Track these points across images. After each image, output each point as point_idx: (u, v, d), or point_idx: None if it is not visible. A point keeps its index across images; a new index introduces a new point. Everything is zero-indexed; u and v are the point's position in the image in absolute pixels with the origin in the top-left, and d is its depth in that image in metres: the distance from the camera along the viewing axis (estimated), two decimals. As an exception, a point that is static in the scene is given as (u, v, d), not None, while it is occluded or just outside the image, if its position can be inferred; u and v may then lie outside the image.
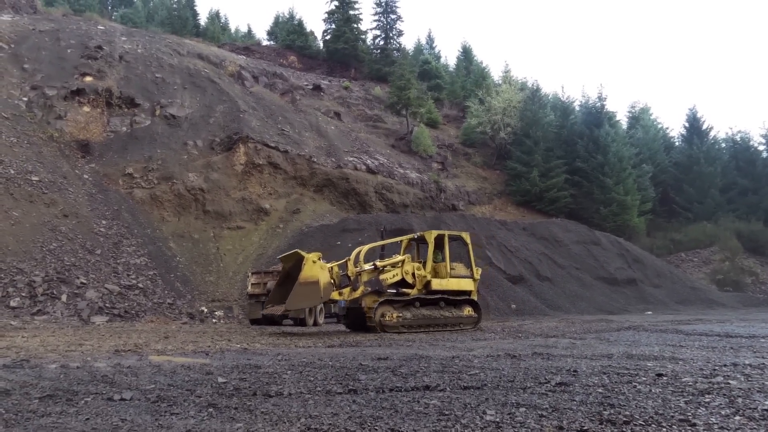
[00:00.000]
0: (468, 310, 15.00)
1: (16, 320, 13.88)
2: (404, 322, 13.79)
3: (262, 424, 4.15)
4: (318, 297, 13.35)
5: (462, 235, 15.97)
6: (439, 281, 14.56)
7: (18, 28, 32.88)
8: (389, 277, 14.20)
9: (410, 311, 14.01)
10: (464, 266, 15.54)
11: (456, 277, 14.94)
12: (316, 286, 13.03)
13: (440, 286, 14.52)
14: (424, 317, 14.17)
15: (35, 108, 26.30)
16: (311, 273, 13.08)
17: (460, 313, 14.78)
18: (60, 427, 3.99)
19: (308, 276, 13.06)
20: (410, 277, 14.45)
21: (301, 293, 13.04)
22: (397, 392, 5.43)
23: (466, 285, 15.14)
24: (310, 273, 13.08)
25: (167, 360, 7.59)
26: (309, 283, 13.02)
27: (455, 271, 15.04)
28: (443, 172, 38.09)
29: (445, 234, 15.46)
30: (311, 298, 13.42)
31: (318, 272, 13.13)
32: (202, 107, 31.25)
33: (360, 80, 52.38)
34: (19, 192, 19.32)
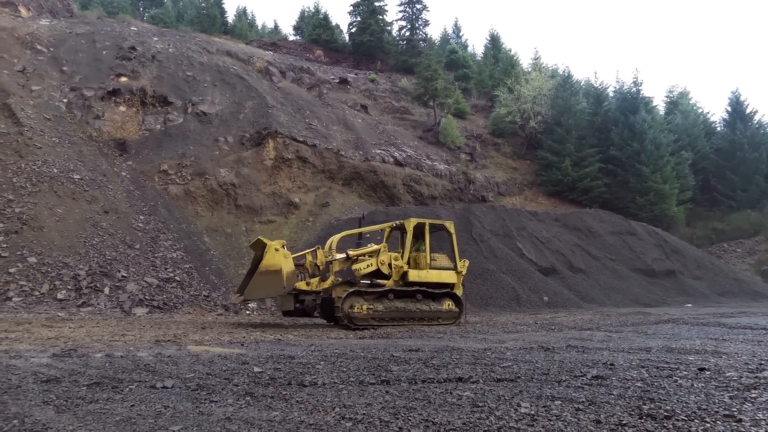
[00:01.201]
0: (448, 304, 14.12)
1: (63, 312, 14.53)
2: (375, 314, 13.01)
3: (298, 413, 4.24)
4: (280, 287, 12.54)
5: (445, 224, 15.16)
6: (417, 272, 13.74)
7: (56, 31, 34.10)
8: (363, 267, 13.47)
9: (383, 303, 13.18)
10: (447, 257, 14.67)
11: (437, 269, 14.10)
12: (278, 275, 12.30)
13: (418, 277, 13.69)
14: (398, 310, 13.31)
15: (75, 109, 27.28)
16: (273, 261, 12.43)
17: (439, 307, 13.93)
18: (107, 413, 4.17)
19: (270, 264, 12.42)
20: (386, 268, 13.67)
21: (261, 282, 12.45)
22: (429, 383, 5.45)
23: (448, 277, 14.27)
24: (272, 261, 12.44)
25: (205, 350, 7.81)
26: (270, 272, 12.35)
27: (436, 263, 14.20)
28: (472, 163, 37.67)
29: (425, 223, 14.59)
30: (273, 287, 12.63)
31: (281, 261, 12.44)
32: (232, 104, 31.77)
33: (386, 72, 52.21)
34: (63, 190, 20.12)
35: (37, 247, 16.75)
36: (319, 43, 56.77)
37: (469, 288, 21.63)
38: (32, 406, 4.33)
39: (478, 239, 25.00)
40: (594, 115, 42.83)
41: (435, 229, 15.02)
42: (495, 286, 21.83)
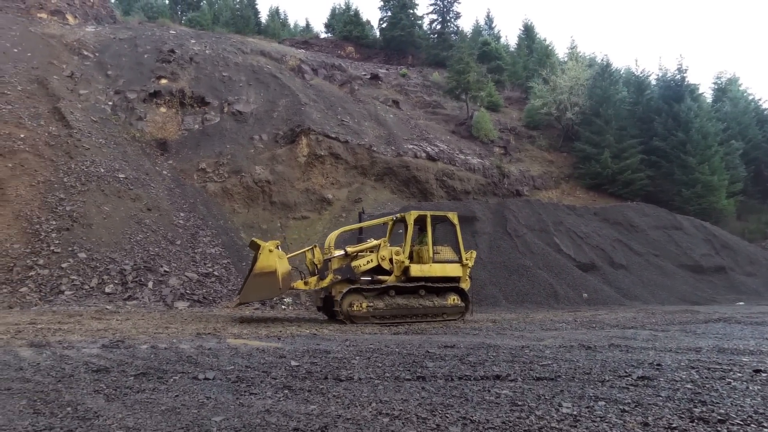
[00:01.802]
0: (453, 299, 13.48)
1: (111, 305, 15.19)
2: (375, 312, 12.59)
3: (335, 407, 4.27)
4: (276, 288, 12.40)
5: (448, 216, 14.26)
6: (419, 267, 13.15)
7: (101, 37, 35.49)
8: (362, 263, 12.99)
9: (383, 300, 12.71)
10: (452, 250, 13.96)
11: (440, 262, 13.43)
12: (273, 276, 12.11)
13: (421, 272, 13.10)
14: (400, 307, 12.81)
15: (119, 111, 28.36)
16: (267, 263, 12.21)
17: (444, 303, 13.31)
18: (153, 402, 4.32)
19: (264, 266, 12.20)
20: (387, 263, 13.17)
21: (256, 284, 12.26)
22: (466, 381, 5.40)
23: (453, 271, 13.55)
24: (266, 263, 12.22)
25: (243, 343, 7.99)
26: (265, 274, 12.14)
27: (440, 256, 13.55)
28: (506, 157, 37.02)
29: (427, 215, 13.91)
30: (268, 289, 12.44)
31: (275, 262, 12.24)
32: (266, 102, 32.30)
33: (417, 67, 51.89)
34: (109, 188, 20.98)
35: (86, 243, 17.53)
36: (350, 39, 56.95)
37: (504, 284, 21.36)
38: (84, 395, 4.53)
39: (513, 234, 24.58)
40: (635, 104, 41.28)
41: (438, 220, 14.30)
42: (531, 282, 21.42)
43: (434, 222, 14.05)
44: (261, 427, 3.73)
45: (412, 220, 13.57)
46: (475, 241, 23.86)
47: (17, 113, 22.98)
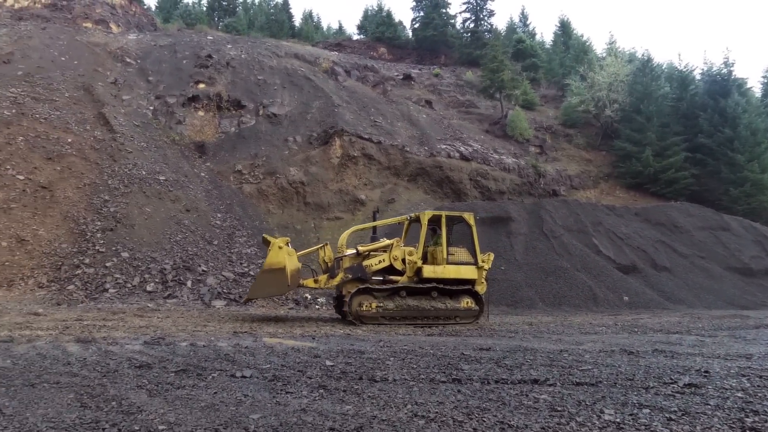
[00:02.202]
0: (467, 302, 13.08)
1: (152, 303, 15.71)
2: (385, 313, 12.39)
3: (370, 408, 4.26)
4: (284, 285, 12.28)
5: (464, 216, 13.86)
6: (432, 268, 12.83)
7: (142, 45, 36.81)
8: (374, 263, 12.79)
9: (393, 301, 12.48)
10: (468, 252, 13.56)
11: (455, 264, 13.06)
12: (282, 273, 12.00)
13: (434, 273, 12.77)
14: (410, 308, 12.53)
15: (159, 115, 29.35)
16: (276, 259, 12.13)
17: (457, 305, 12.93)
18: (193, 398, 4.42)
19: (273, 263, 12.15)
20: (399, 264, 12.94)
21: (265, 281, 12.26)
22: (503, 384, 5.30)
23: (468, 273, 13.15)
24: (275, 259, 12.16)
25: (279, 342, 8.09)
26: (273, 270, 12.08)
27: (454, 257, 13.18)
28: (542, 156, 36.27)
29: (442, 215, 13.59)
30: (276, 285, 12.33)
31: (284, 258, 12.12)
32: (300, 104, 32.74)
33: (450, 66, 51.51)
34: (150, 190, 21.71)
35: (129, 243, 18.18)
36: (383, 40, 57.09)
37: (540, 286, 20.92)
38: (128, 390, 4.68)
39: (550, 235, 24.05)
40: (678, 100, 39.70)
41: (454, 221, 13.90)
42: (569, 285, 20.90)
43: (450, 223, 13.68)
44: (297, 426, 3.75)
45: (426, 220, 13.35)
46: (510, 242, 23.48)
47: (65, 119, 24.09)
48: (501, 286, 20.76)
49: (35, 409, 4.00)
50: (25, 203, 18.29)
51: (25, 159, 20.09)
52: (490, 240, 23.93)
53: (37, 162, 20.33)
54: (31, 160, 20.24)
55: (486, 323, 13.61)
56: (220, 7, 61.19)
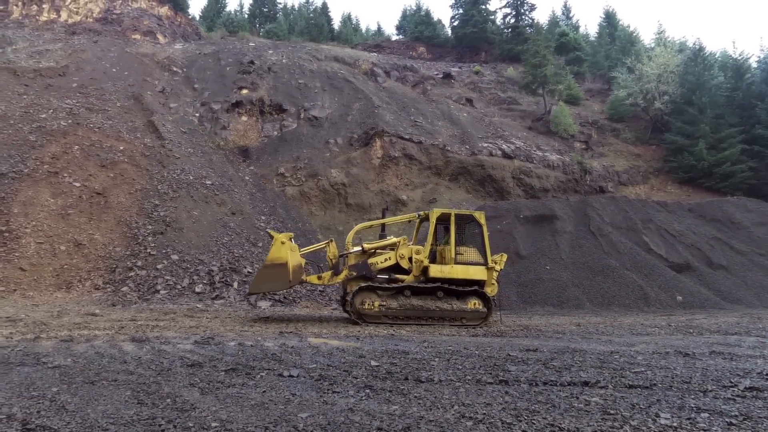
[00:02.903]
0: (474, 303, 12.65)
1: (200, 303, 16.26)
2: (388, 312, 12.17)
3: (417, 408, 4.24)
4: (286, 280, 12.22)
5: (474, 215, 13.48)
6: (439, 268, 12.56)
7: (188, 54, 38.22)
8: (380, 261, 12.64)
9: (397, 300, 12.26)
10: (478, 252, 13.17)
11: (463, 264, 12.71)
12: (284, 268, 11.99)
13: (440, 273, 12.50)
14: (414, 308, 12.27)
15: (205, 121, 30.38)
16: (279, 255, 12.12)
17: (464, 306, 12.53)
18: (243, 396, 4.53)
19: (275, 258, 12.14)
20: (406, 262, 12.72)
21: (266, 276, 12.25)
22: (551, 386, 5.16)
23: (476, 273, 12.77)
24: (277, 255, 12.14)
25: (323, 342, 8.19)
26: (276, 266, 12.07)
27: (463, 257, 12.83)
28: (588, 152, 35.16)
29: (451, 213, 13.32)
30: (278, 281, 12.29)
31: (286, 254, 12.11)
32: (340, 106, 33.09)
33: (491, 63, 50.76)
34: (197, 194, 22.49)
35: (178, 246, 18.88)
36: (422, 40, 56.92)
37: (587, 285, 20.28)
38: (181, 388, 4.85)
39: (597, 233, 23.28)
40: (734, 90, 37.60)
41: (464, 220, 13.58)
42: (618, 284, 20.16)
43: (460, 222, 13.39)
44: (345, 425, 3.77)
45: (434, 219, 13.12)
46: (556, 241, 22.90)
47: (117, 127, 25.30)
48: (546, 286, 20.28)
49: (95, 406, 4.20)
50: (82, 209, 19.31)
51: (80, 167, 21.22)
52: (535, 239, 23.42)
53: (92, 169, 21.43)
54: (86, 167, 21.36)
55: (499, 325, 13.31)
56: (261, 13, 62.74)
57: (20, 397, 4.46)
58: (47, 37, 36.41)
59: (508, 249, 23.06)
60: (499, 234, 24.03)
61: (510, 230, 24.07)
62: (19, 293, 14.88)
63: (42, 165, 20.25)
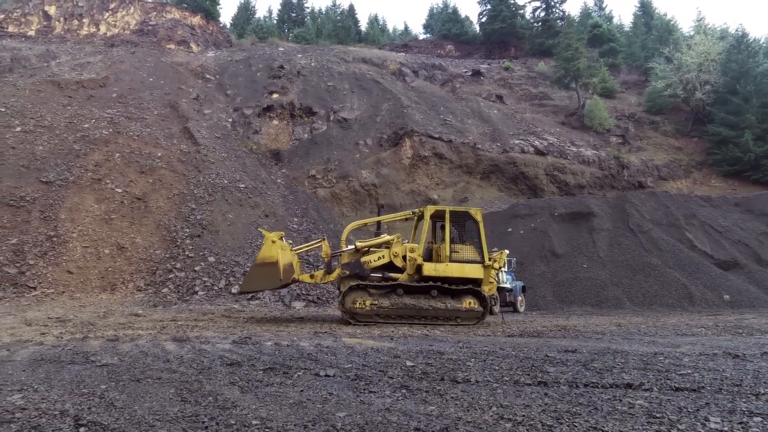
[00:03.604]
0: (469, 302, 12.23)
1: (237, 304, 16.62)
2: (380, 311, 11.91)
3: (454, 409, 4.19)
4: (276, 279, 12.11)
5: (470, 212, 13.05)
6: (433, 266, 12.21)
7: (220, 61, 39.14)
8: (373, 259, 12.38)
9: (389, 299, 11.96)
10: (475, 249, 12.74)
11: (458, 262, 12.36)
12: (275, 267, 11.98)
13: (434, 271, 12.15)
14: (407, 307, 11.93)
15: (238, 126, 31.06)
16: (269, 253, 12.11)
17: (458, 305, 12.14)
18: (281, 395, 4.59)
19: (266, 256, 12.15)
20: (400, 260, 12.42)
21: (257, 274, 12.27)
22: (593, 388, 5.03)
23: (472, 272, 12.32)
24: (268, 253, 12.14)
25: (358, 342, 8.22)
26: (266, 264, 12.09)
27: (459, 255, 12.48)
28: (624, 146, 34.17)
29: (446, 210, 12.93)
30: (269, 279, 12.23)
31: (277, 253, 12.08)
32: (369, 107, 33.23)
33: (521, 58, 50.01)
34: (232, 198, 23.01)
35: (214, 248, 19.35)
36: (450, 38, 56.58)
37: (627, 284, 19.69)
38: (222, 386, 4.96)
39: (637, 230, 22.58)
40: (781, 77, 35.85)
41: (459, 217, 13.23)
42: (660, 283, 19.50)
43: (455, 218, 13.11)
44: (383, 425, 3.77)
45: (429, 216, 12.81)
46: (593, 239, 22.34)
47: (155, 135, 26.15)
48: (584, 285, 19.82)
49: (142, 403, 4.35)
50: (124, 214, 20.04)
51: (121, 173, 22.03)
52: (571, 237, 22.92)
53: (132, 175, 22.22)
54: (127, 174, 22.16)
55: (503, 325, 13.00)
56: (289, 18, 63.70)
57: (72, 394, 4.65)
58: (88, 50, 37.99)
59: (542, 247, 22.64)
60: (533, 232, 23.61)
61: (544, 228, 23.63)
62: (67, 295, 15.56)
63: (86, 172, 21.12)
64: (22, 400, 4.43)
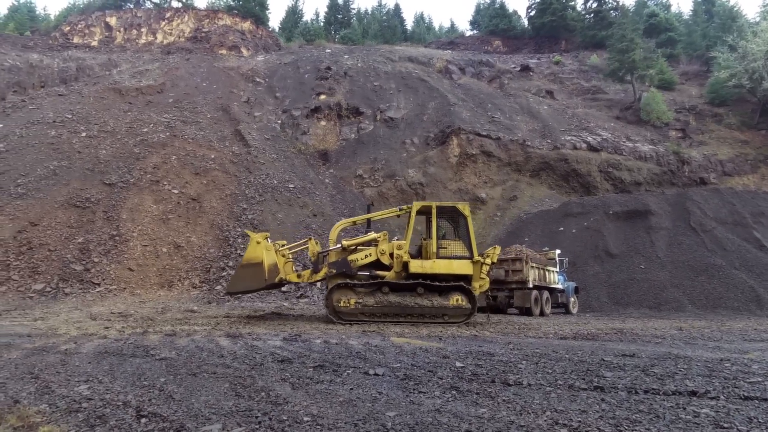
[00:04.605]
0: (457, 299, 11.92)
1: (287, 302, 17.00)
2: (365, 309, 11.77)
3: (506, 412, 4.09)
4: (261, 279, 12.10)
5: (457, 207, 12.70)
6: (420, 263, 12.04)
7: (269, 64, 40.15)
8: (360, 257, 12.28)
9: (374, 297, 11.81)
10: (463, 245, 12.47)
11: (446, 258, 12.11)
12: (260, 267, 12.04)
13: (421, 268, 11.97)
14: (392, 305, 11.75)
15: (286, 128, 31.76)
16: (254, 254, 12.16)
17: (445, 303, 11.86)
18: (332, 393, 4.64)
19: (251, 257, 12.22)
20: (387, 258, 12.25)
21: (242, 275, 12.35)
22: (654, 395, 4.77)
23: (461, 268, 12.07)
24: (253, 254, 12.19)
25: (406, 342, 8.19)
26: (251, 265, 12.17)
27: (446, 251, 12.23)
28: (685, 141, 32.36)
29: (432, 205, 12.66)
30: (254, 280, 12.26)
31: (262, 253, 12.11)
32: (416, 106, 33.12)
33: (572, 52, 48.39)
34: (281, 198, 23.56)
35: (265, 247, 19.85)
36: (497, 33, 55.54)
37: (689, 286, 18.65)
38: (273, 382, 5.06)
39: (699, 229, 21.33)
40: None
41: (447, 212, 12.96)
42: (724, 285, 18.33)
43: (443, 214, 12.87)
44: (433, 425, 3.73)
45: (415, 212, 12.65)
46: (651, 238, 21.31)
47: (208, 137, 27.15)
48: (641, 287, 18.94)
49: (198, 396, 4.50)
50: (180, 214, 20.92)
51: (178, 175, 23.01)
52: (627, 236, 21.96)
53: (188, 177, 23.16)
54: (182, 175, 23.12)
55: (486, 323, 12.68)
56: (336, 20, 64.47)
57: (133, 386, 4.89)
58: (146, 58, 39.97)
59: (596, 247, 21.81)
60: (586, 231, 22.79)
61: (598, 227, 22.75)
62: (128, 291, 16.43)
63: (145, 175, 22.22)
64: (88, 391, 4.70)
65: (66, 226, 18.41)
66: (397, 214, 13.59)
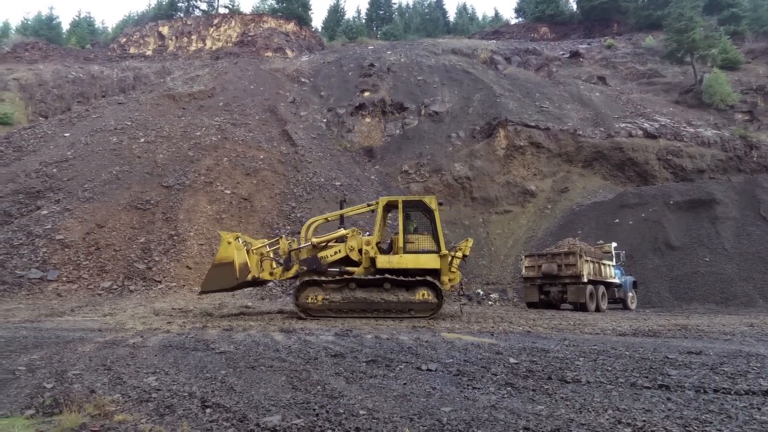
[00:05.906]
0: (423, 293, 11.82)
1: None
2: (332, 305, 11.82)
3: (565, 410, 3.98)
4: (233, 278, 12.29)
5: (423, 200, 12.61)
6: (387, 258, 12.00)
7: (313, 64, 40.77)
8: (330, 254, 12.30)
9: (341, 293, 11.85)
10: (431, 239, 12.38)
11: (413, 253, 12.05)
12: (231, 267, 12.24)
13: (388, 263, 11.93)
14: (358, 301, 11.77)
15: (332, 126, 32.17)
16: (225, 254, 12.37)
17: (411, 298, 11.78)
18: (385, 387, 4.67)
19: (222, 257, 12.43)
20: (356, 254, 12.25)
21: (215, 275, 12.52)
22: (724, 395, 4.51)
23: (428, 262, 12.00)
24: (224, 254, 12.40)
25: (457, 338, 8.13)
26: (223, 265, 12.38)
27: (413, 245, 12.21)
28: (753, 124, 30.22)
29: (398, 200, 12.73)
30: (225, 279, 12.43)
31: (232, 253, 12.27)
32: (461, 99, 32.68)
33: (625, 34, 46.21)
34: (329, 195, 23.91)
35: (314, 244, 20.21)
36: (544, 20, 53.86)
37: (760, 279, 17.48)
38: (328, 376, 5.16)
39: (770, 218, 19.93)
40: None
41: (413, 206, 12.87)
42: (801, 277, 17.04)
43: (409, 208, 12.77)
44: (489, 422, 3.68)
45: (382, 207, 12.72)
46: (716, 229, 20.12)
47: (257, 139, 27.92)
48: (706, 281, 17.93)
49: (258, 388, 4.66)
50: (232, 213, 21.65)
51: (229, 176, 23.81)
52: (689, 227, 20.84)
53: (239, 178, 23.92)
54: (234, 176, 23.90)
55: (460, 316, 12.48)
56: (377, 16, 64.57)
57: (197, 378, 5.12)
58: (197, 64, 41.56)
59: (656, 239, 20.81)
60: (644, 223, 21.80)
61: (658, 218, 21.69)
62: (186, 288, 17.19)
63: (199, 176, 23.14)
64: (156, 382, 4.96)
65: (129, 227, 19.48)
66: (369, 210, 13.72)
